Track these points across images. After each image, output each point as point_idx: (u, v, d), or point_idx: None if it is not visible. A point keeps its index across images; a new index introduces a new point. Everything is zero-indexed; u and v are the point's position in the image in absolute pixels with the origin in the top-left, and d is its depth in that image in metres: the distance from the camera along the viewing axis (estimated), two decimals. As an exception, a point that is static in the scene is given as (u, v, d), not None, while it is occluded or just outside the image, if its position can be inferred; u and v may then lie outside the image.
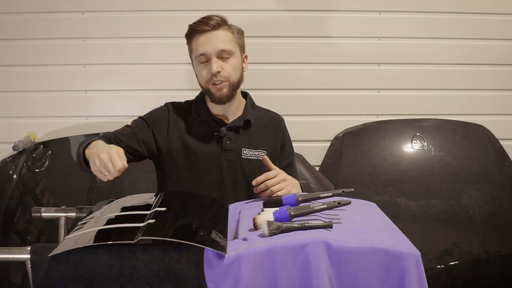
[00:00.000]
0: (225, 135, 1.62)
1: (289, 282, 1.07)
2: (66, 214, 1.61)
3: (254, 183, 1.46)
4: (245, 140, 1.64)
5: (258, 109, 1.72)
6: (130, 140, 1.58)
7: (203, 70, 1.57)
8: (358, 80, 2.42)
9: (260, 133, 1.67)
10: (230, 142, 1.62)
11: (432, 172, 2.32)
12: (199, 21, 1.57)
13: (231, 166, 1.62)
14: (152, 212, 1.23)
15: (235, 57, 1.58)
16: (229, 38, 1.57)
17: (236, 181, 1.62)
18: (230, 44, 1.57)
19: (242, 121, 1.64)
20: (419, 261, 1.08)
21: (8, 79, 2.32)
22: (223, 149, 1.61)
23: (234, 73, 1.58)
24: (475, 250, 2.25)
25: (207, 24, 1.55)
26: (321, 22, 2.38)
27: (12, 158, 2.17)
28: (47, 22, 2.30)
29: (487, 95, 2.47)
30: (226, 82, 1.57)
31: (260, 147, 1.65)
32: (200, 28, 1.56)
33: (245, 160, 1.63)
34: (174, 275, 1.08)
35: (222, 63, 1.55)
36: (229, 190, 1.62)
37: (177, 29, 2.33)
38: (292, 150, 1.77)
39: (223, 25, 1.57)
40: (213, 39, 1.54)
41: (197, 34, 1.56)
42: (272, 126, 1.71)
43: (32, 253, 1.10)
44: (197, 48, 1.57)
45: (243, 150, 1.63)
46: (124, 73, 2.35)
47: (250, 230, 1.18)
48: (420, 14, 2.41)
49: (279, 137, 1.70)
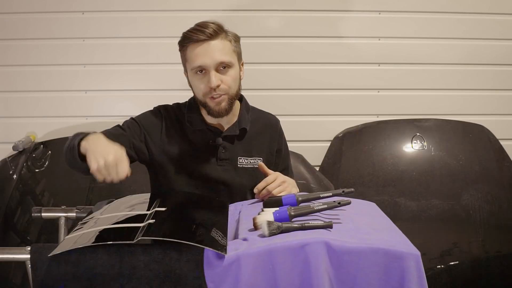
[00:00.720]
0: (220, 144, 1.56)
1: (289, 282, 1.07)
2: (66, 214, 1.61)
3: (255, 191, 1.45)
4: (240, 148, 1.59)
5: (252, 112, 1.66)
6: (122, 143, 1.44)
7: (201, 83, 1.49)
8: (358, 80, 2.41)
9: (255, 139, 1.62)
10: (226, 151, 1.57)
11: (432, 172, 2.32)
12: (195, 29, 1.47)
13: (226, 175, 1.57)
14: (152, 212, 1.23)
15: (234, 68, 1.50)
16: (227, 48, 1.48)
17: (232, 190, 1.58)
18: (229, 54, 1.48)
19: (238, 130, 1.58)
20: (419, 261, 1.08)
21: (9, 79, 2.33)
22: (219, 159, 1.56)
23: (233, 85, 1.50)
24: (475, 250, 2.25)
25: (203, 32, 1.45)
26: (321, 22, 2.38)
27: (12, 158, 2.17)
28: (47, 22, 2.30)
29: (487, 95, 2.47)
30: (225, 96, 1.49)
31: (255, 154, 1.60)
32: (196, 37, 1.46)
33: (241, 169, 1.58)
34: (174, 275, 1.08)
35: (221, 75, 1.47)
36: (224, 198, 1.56)
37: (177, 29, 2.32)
38: (288, 153, 1.73)
39: (220, 33, 1.47)
40: (211, 50, 1.45)
41: (192, 43, 1.47)
42: (267, 131, 1.65)
43: (32, 253, 1.10)
44: (193, 59, 1.47)
45: (238, 159, 1.58)
46: (125, 73, 2.35)
47: (250, 230, 1.18)
48: (420, 14, 2.41)
49: (274, 142, 1.66)
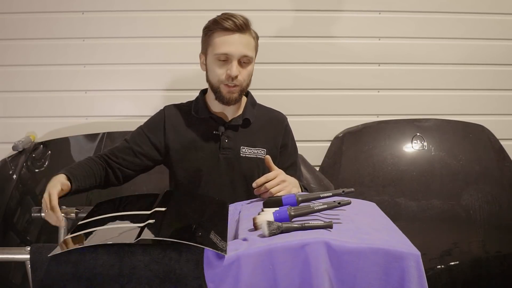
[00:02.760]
0: (224, 133, 1.62)
1: (289, 282, 1.07)
2: (66, 214, 1.61)
3: (254, 185, 1.46)
4: (244, 138, 1.64)
5: (259, 108, 1.72)
6: (127, 155, 1.60)
7: (220, 69, 1.55)
8: (358, 80, 2.41)
9: (259, 132, 1.67)
10: (229, 140, 1.63)
11: (432, 172, 2.32)
12: (227, 18, 1.53)
13: (229, 164, 1.62)
14: (152, 212, 1.23)
15: (252, 64, 1.59)
16: (251, 44, 1.57)
17: (234, 179, 1.63)
18: (251, 50, 1.56)
19: (241, 120, 1.64)
20: (419, 261, 1.08)
21: (8, 79, 2.32)
22: (221, 147, 1.62)
23: (247, 79, 1.59)
24: (475, 250, 2.25)
25: (235, 23, 1.52)
26: (321, 22, 2.38)
27: (12, 158, 2.17)
28: (47, 22, 2.30)
29: (487, 95, 2.47)
30: (239, 87, 1.57)
31: (259, 145, 1.65)
32: (227, 25, 1.52)
33: (243, 159, 1.63)
34: (174, 275, 1.08)
35: (240, 68, 1.55)
36: (227, 188, 1.62)
37: (177, 29, 2.35)
38: (295, 150, 1.77)
39: (248, 29, 1.56)
40: (238, 42, 1.53)
41: (221, 31, 1.53)
42: (272, 125, 1.70)
43: (32, 253, 1.10)
44: (219, 45, 1.53)
45: (241, 149, 1.63)
46: (124, 73, 2.35)
47: (250, 230, 1.18)
48: (420, 14, 2.40)
49: (279, 136, 1.70)
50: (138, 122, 1.73)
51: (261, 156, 1.63)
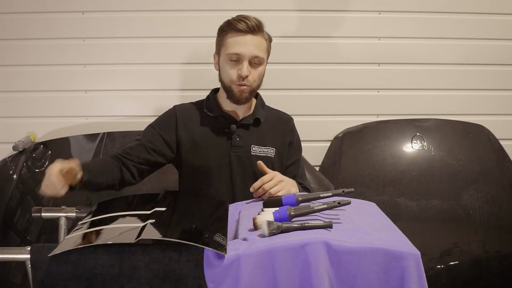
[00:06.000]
0: (235, 131, 1.65)
1: (289, 282, 1.07)
2: (66, 214, 1.61)
3: (251, 190, 1.48)
4: (254, 137, 1.68)
5: (267, 109, 1.76)
6: (140, 152, 1.62)
7: (232, 69, 1.59)
8: (358, 80, 2.41)
9: (269, 132, 1.70)
10: (240, 139, 1.66)
11: (432, 172, 2.32)
12: (240, 19, 1.58)
13: (240, 162, 1.65)
14: (152, 212, 1.23)
15: (263, 65, 1.62)
16: (263, 46, 1.61)
17: (245, 177, 1.65)
18: (263, 51, 1.60)
19: (252, 119, 1.68)
20: (419, 261, 1.08)
21: (8, 79, 2.32)
22: (233, 146, 1.65)
23: (258, 80, 1.63)
24: (475, 250, 2.25)
25: (247, 25, 1.56)
26: (321, 22, 2.38)
27: (12, 158, 2.17)
28: (47, 22, 2.30)
29: (487, 95, 2.47)
30: (249, 88, 1.60)
31: (268, 144, 1.69)
32: (240, 27, 1.56)
33: (254, 157, 1.65)
34: (174, 275, 1.08)
35: (251, 68, 1.59)
36: (238, 186, 1.65)
37: (176, 29, 2.35)
38: (299, 149, 1.81)
39: (260, 31, 1.59)
40: (250, 43, 1.56)
41: (235, 32, 1.57)
42: (280, 125, 1.74)
43: (32, 253, 1.10)
44: (232, 46, 1.58)
45: (252, 147, 1.66)
46: (124, 73, 2.35)
47: (250, 230, 1.18)
48: (420, 14, 2.40)
49: (287, 136, 1.74)
50: (138, 122, 1.73)
51: (270, 155, 1.67)
